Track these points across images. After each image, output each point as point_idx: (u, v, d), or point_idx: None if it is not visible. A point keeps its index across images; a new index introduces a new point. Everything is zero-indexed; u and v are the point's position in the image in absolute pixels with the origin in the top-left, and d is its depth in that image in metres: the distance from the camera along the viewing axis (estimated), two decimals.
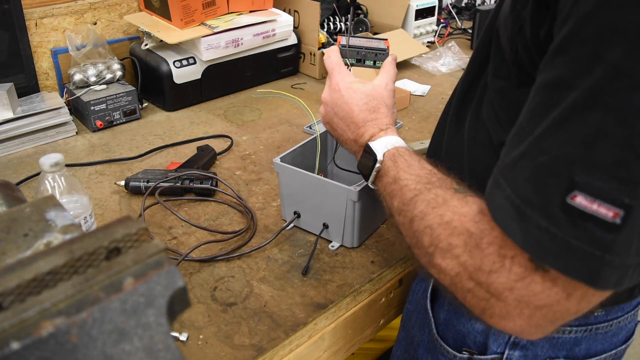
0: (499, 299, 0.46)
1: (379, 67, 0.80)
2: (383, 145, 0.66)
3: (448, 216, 0.51)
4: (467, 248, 0.48)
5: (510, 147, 0.47)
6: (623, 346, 0.71)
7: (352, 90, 0.72)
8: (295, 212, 0.87)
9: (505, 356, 0.68)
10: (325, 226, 0.85)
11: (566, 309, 0.44)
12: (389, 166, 0.63)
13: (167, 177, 0.96)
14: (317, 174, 0.85)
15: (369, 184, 0.68)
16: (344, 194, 0.80)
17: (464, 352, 0.71)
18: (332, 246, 0.85)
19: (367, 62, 0.81)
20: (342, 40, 0.82)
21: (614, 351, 0.70)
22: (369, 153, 0.66)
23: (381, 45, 0.82)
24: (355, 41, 0.82)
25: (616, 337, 0.70)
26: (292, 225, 0.89)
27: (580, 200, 0.40)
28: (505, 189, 0.45)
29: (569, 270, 0.42)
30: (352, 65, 0.80)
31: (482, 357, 0.70)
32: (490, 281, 0.46)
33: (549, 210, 0.42)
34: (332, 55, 0.77)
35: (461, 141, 0.67)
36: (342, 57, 0.79)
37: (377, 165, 0.64)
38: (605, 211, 0.40)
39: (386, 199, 0.63)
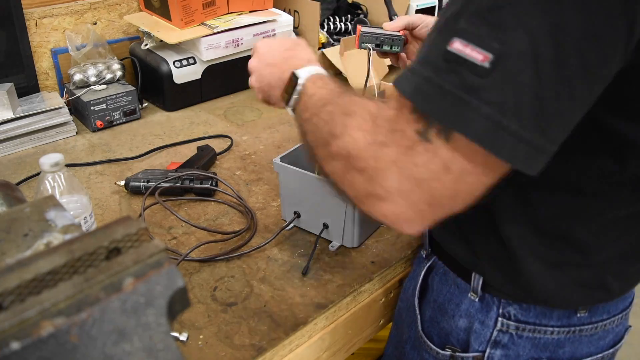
0: (383, 176, 0.46)
1: (395, 52, 0.91)
2: (307, 72, 0.65)
3: (352, 107, 0.52)
4: (363, 126, 0.49)
5: None
6: (611, 350, 0.71)
7: (268, 40, 0.77)
8: (295, 212, 0.87)
9: (486, 355, 0.68)
10: (325, 226, 0.85)
11: (443, 186, 0.44)
12: (308, 87, 0.63)
13: (167, 177, 0.96)
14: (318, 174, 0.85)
15: (289, 109, 0.67)
16: None
17: (447, 350, 0.72)
18: (332, 246, 0.85)
19: (385, 47, 0.91)
20: (362, 28, 0.92)
21: (600, 355, 0.70)
22: (292, 79, 0.66)
23: (396, 33, 0.92)
24: (373, 29, 0.92)
25: (603, 341, 0.69)
26: (292, 225, 0.89)
27: (457, 45, 0.41)
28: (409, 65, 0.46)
29: (439, 112, 0.42)
30: (373, 49, 0.90)
31: (464, 354, 0.70)
32: (380, 155, 0.47)
33: (432, 60, 0.43)
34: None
35: None
36: (364, 43, 0.90)
37: (299, 87, 0.63)
38: (476, 54, 0.40)
39: (300, 117, 0.62)
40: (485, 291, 0.67)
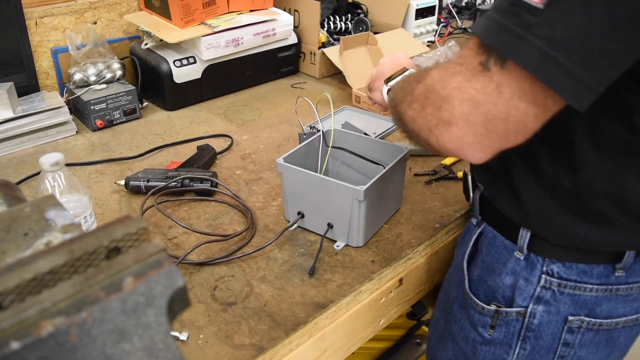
0: (447, 101, 0.55)
1: None
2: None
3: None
4: (441, 66, 0.58)
5: None
6: None
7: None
8: (299, 212, 0.87)
9: (529, 310, 0.73)
10: (330, 226, 0.85)
11: (496, 108, 0.52)
12: (415, 69, 0.77)
13: (167, 177, 0.96)
14: (321, 173, 0.85)
15: (387, 86, 0.84)
16: (349, 193, 0.79)
17: (492, 305, 0.76)
18: (337, 246, 0.85)
19: None
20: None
21: (635, 316, 0.73)
22: (402, 70, 0.83)
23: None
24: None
25: (637, 302, 0.72)
26: (295, 225, 0.88)
27: None
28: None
29: (500, 46, 0.50)
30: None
31: (508, 309, 0.74)
32: (448, 83, 0.55)
33: (502, 6, 0.51)
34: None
35: None
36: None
37: (407, 71, 0.81)
38: None
39: (399, 88, 0.70)
40: (531, 250, 0.71)
